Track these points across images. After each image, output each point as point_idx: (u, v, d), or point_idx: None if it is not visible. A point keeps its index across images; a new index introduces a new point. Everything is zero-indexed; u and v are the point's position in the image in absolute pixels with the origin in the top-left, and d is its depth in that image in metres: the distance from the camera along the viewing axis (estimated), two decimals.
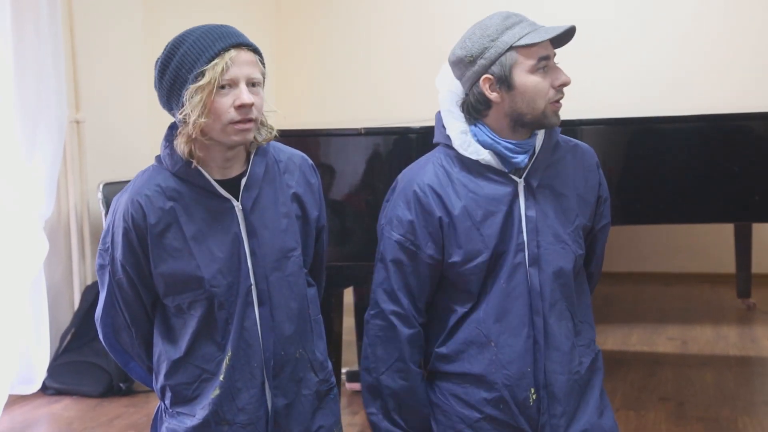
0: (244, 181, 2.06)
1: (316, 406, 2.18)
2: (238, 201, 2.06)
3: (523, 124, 2.12)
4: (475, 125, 2.16)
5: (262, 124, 2.06)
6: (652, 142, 3.83)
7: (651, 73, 6.57)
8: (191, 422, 2.09)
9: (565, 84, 2.11)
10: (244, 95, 1.95)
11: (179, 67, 1.97)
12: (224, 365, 2.06)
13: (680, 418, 3.94)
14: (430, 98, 4.73)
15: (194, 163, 2.01)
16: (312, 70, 7.07)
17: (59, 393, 4.56)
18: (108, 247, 2.09)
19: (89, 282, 4.97)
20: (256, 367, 2.08)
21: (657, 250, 6.73)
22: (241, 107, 1.95)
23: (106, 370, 4.54)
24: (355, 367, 4.47)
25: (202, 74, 1.93)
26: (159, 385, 2.15)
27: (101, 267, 2.12)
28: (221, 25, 2.00)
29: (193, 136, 1.97)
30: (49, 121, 4.50)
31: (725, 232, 5.86)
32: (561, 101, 2.13)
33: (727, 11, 6.50)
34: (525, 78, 2.09)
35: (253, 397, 2.08)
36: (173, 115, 2.03)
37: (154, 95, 2.09)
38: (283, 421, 2.12)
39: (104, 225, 2.11)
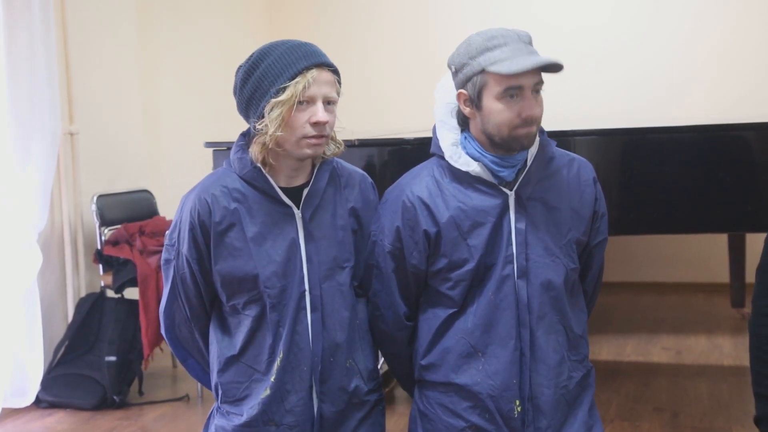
0: (306, 190, 2.16)
1: (364, 415, 2.24)
2: (299, 209, 2.14)
3: (496, 144, 2.13)
4: (465, 137, 2.18)
5: (332, 139, 2.18)
6: (645, 152, 3.85)
7: (645, 83, 6.59)
8: (239, 421, 2.17)
9: (530, 117, 2.07)
10: (320, 114, 2.06)
11: (262, 78, 2.06)
12: (275, 367, 2.13)
13: (675, 428, 3.94)
14: (426, 108, 4.75)
15: (264, 168, 2.12)
16: None
17: (53, 406, 4.55)
18: (174, 242, 2.19)
19: (83, 294, 4.95)
20: (306, 371, 2.14)
21: (651, 260, 6.74)
22: (316, 124, 2.05)
23: (99, 382, 4.52)
24: None
25: (283, 90, 2.03)
26: (213, 383, 2.23)
27: (167, 261, 2.21)
28: (305, 43, 2.10)
29: (269, 146, 2.08)
30: (42, 132, 4.50)
31: (719, 242, 5.87)
32: (531, 129, 2.09)
33: (723, 21, 6.52)
34: (491, 103, 2.08)
35: (301, 400, 2.15)
36: (248, 122, 2.13)
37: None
38: (330, 427, 2.19)
39: (172, 222, 2.22)
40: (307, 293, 2.14)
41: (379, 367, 4.49)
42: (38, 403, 4.56)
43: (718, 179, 3.72)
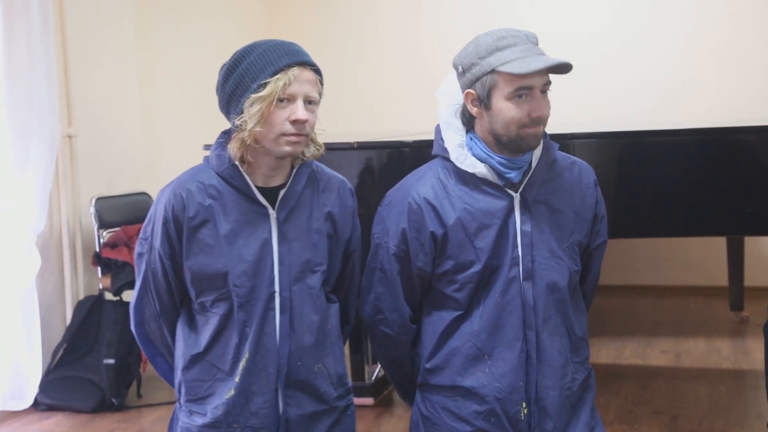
0: (283, 191, 2.14)
1: (333, 420, 2.22)
2: (274, 210, 2.13)
3: (503, 144, 2.12)
4: (471, 138, 2.17)
5: (312, 140, 2.16)
6: (644, 155, 3.84)
7: (645, 87, 6.59)
8: (203, 420, 2.15)
9: (541, 117, 2.09)
10: (300, 111, 2.05)
11: (243, 75, 2.06)
12: (240, 367, 2.12)
13: (674, 431, 3.94)
14: (421, 112, 4.74)
15: (242, 167, 2.11)
16: None
17: (51, 408, 4.54)
18: (148, 236, 2.17)
19: (81, 296, 4.95)
20: (272, 373, 2.13)
21: (650, 263, 6.74)
22: (296, 122, 2.05)
23: (98, 385, 4.52)
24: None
25: (264, 86, 2.03)
26: (177, 381, 2.22)
27: (139, 255, 2.20)
28: (289, 42, 2.10)
29: (247, 142, 2.07)
30: (41, 135, 4.49)
31: (718, 245, 5.87)
32: (539, 129, 2.10)
33: (721, 24, 6.53)
34: (501, 103, 2.08)
35: (266, 402, 2.13)
36: (229, 120, 2.12)
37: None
38: (297, 431, 2.16)
39: (147, 215, 2.21)
40: (276, 294, 2.12)
41: (378, 369, 4.52)
42: (36, 405, 4.55)
43: (717, 182, 3.72)
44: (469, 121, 2.18)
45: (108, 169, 5.30)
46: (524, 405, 2.15)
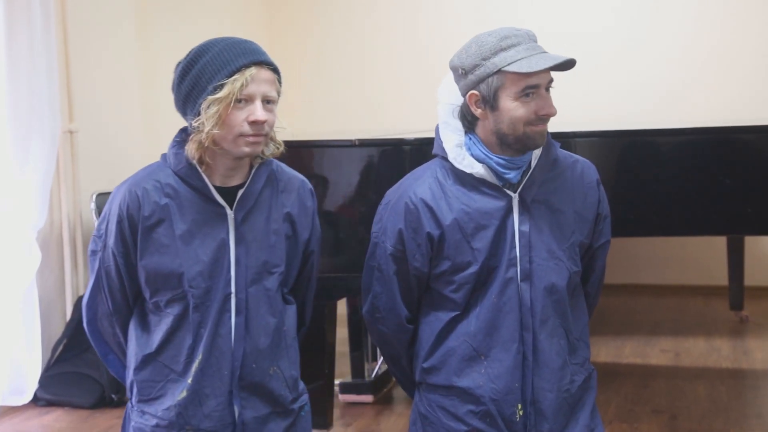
0: (241, 191, 2.11)
1: (289, 423, 2.21)
2: (232, 210, 2.10)
3: (508, 143, 2.11)
4: (470, 138, 2.16)
5: (272, 139, 2.12)
6: (645, 154, 3.84)
7: (645, 86, 6.59)
8: (154, 422, 2.12)
9: (549, 115, 2.08)
10: (259, 112, 2.01)
11: (199, 76, 2.02)
12: (193, 369, 2.09)
13: (673, 430, 3.94)
14: (422, 110, 4.74)
15: (200, 166, 2.07)
16: (304, 82, 7.07)
17: (51, 404, 4.54)
18: (102, 234, 2.13)
19: (81, 292, 4.95)
20: (226, 375, 2.11)
21: (650, 263, 6.74)
22: (254, 123, 2.01)
23: (97, 381, 4.52)
24: (348, 379, 4.46)
25: (221, 87, 1.99)
26: (129, 381, 2.18)
27: (93, 253, 2.16)
28: (245, 41, 2.06)
29: (205, 144, 2.03)
30: (42, 131, 4.49)
31: (718, 244, 5.88)
32: (545, 126, 2.10)
33: (721, 25, 6.53)
34: (508, 103, 2.07)
35: (220, 404, 2.11)
36: (186, 120, 2.09)
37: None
38: None
39: (102, 213, 2.16)
40: (232, 296, 2.09)
41: (378, 367, 4.52)
42: (36, 401, 4.55)
43: (717, 181, 3.72)
44: (470, 123, 2.16)
45: (109, 165, 5.30)
46: (519, 407, 2.15)
